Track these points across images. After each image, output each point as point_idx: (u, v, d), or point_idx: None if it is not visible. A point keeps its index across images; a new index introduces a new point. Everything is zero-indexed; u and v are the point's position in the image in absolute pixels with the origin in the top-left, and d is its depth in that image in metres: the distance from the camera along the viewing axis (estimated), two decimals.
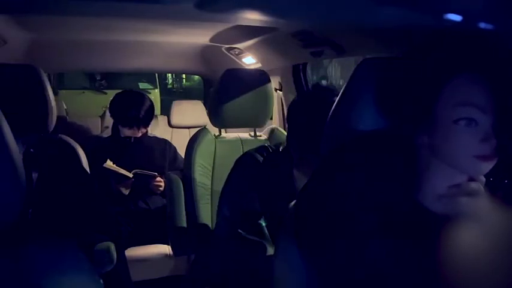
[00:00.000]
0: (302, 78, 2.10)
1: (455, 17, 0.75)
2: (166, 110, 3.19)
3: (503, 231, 0.73)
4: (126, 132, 2.22)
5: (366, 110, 0.88)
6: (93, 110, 4.54)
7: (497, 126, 0.71)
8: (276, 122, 2.34)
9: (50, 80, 2.21)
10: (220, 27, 1.72)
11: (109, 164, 2.04)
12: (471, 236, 0.72)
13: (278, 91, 2.24)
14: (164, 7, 1.10)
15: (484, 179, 0.77)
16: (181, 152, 2.12)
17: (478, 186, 0.76)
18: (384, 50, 1.18)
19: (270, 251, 1.23)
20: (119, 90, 2.37)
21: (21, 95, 1.34)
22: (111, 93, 2.66)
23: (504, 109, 0.70)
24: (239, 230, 1.27)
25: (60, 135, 1.68)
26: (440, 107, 0.73)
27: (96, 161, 1.93)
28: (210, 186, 1.87)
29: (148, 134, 2.30)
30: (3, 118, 0.65)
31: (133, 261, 1.99)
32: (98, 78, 5.97)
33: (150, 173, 2.13)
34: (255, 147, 1.44)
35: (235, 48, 2.11)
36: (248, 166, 1.35)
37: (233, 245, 1.30)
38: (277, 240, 0.93)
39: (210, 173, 1.88)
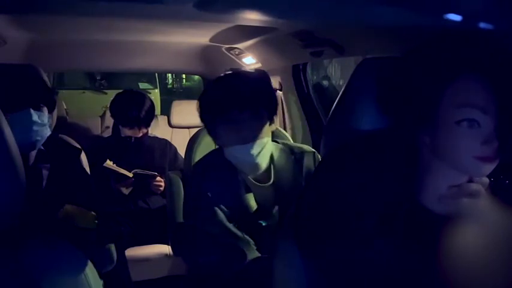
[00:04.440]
0: (302, 78, 2.10)
1: (455, 17, 0.75)
2: (166, 110, 3.19)
3: (503, 232, 0.73)
4: (127, 132, 2.22)
5: (366, 110, 0.88)
6: (93, 110, 4.54)
7: (499, 127, 0.71)
8: (276, 122, 2.33)
9: (50, 80, 2.21)
10: (220, 27, 1.72)
11: (109, 163, 2.04)
12: (472, 236, 0.72)
13: (278, 91, 2.24)
14: (164, 7, 1.10)
15: (487, 180, 0.77)
16: (181, 152, 2.12)
17: (479, 187, 0.76)
18: (384, 50, 1.18)
19: (250, 250, 1.23)
20: (119, 90, 2.37)
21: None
22: (111, 93, 2.66)
23: (506, 110, 0.70)
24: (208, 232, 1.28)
25: (60, 135, 1.68)
26: (442, 107, 0.73)
27: (96, 160, 1.93)
28: None
29: (149, 134, 2.30)
30: (4, 118, 0.65)
31: (133, 261, 1.99)
32: (98, 78, 5.98)
33: (150, 173, 2.12)
34: None
35: (235, 48, 2.11)
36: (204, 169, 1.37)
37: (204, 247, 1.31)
38: (277, 240, 0.93)
39: None
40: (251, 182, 1.31)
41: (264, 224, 1.29)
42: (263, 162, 1.27)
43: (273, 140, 1.42)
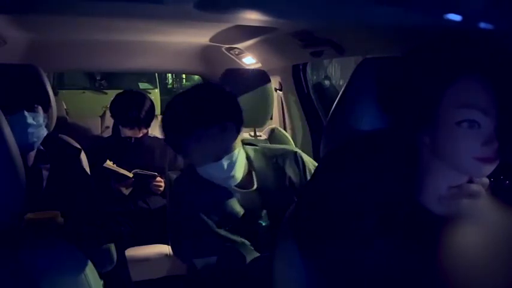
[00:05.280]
0: (302, 78, 2.10)
1: (455, 17, 0.75)
2: None
3: (503, 232, 0.73)
4: (127, 132, 2.22)
5: (366, 110, 0.88)
6: (93, 110, 4.54)
7: (499, 128, 0.71)
8: (276, 122, 2.34)
9: (50, 80, 2.21)
10: (220, 27, 1.72)
11: (109, 163, 2.04)
12: (472, 237, 0.72)
13: (278, 91, 2.24)
14: (164, 7, 1.10)
15: (487, 181, 0.77)
16: None
17: (479, 187, 0.76)
18: (384, 50, 1.18)
19: (247, 251, 1.23)
20: (119, 90, 2.37)
21: (21, 95, 1.34)
22: (111, 93, 2.65)
23: (506, 111, 0.70)
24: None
25: (60, 134, 1.68)
26: (442, 108, 0.73)
27: (96, 161, 1.93)
28: None
29: (149, 134, 2.30)
30: (3, 118, 0.65)
31: (133, 261, 1.99)
32: (98, 78, 5.97)
33: (150, 173, 2.12)
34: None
35: (235, 48, 2.11)
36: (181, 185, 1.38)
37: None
38: (277, 240, 0.93)
39: None
40: (234, 190, 1.30)
41: (263, 224, 1.29)
42: (238, 173, 1.26)
43: (252, 144, 1.41)
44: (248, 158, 1.33)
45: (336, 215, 0.78)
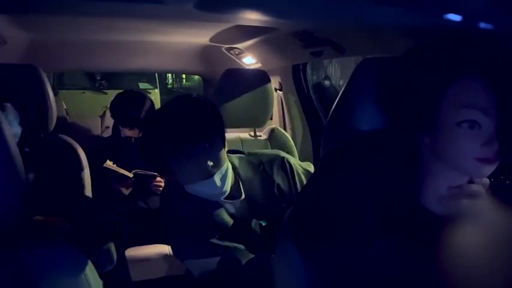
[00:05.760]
0: (302, 78, 2.11)
1: (455, 17, 0.75)
2: None
3: (503, 232, 0.73)
4: (127, 132, 2.22)
5: (366, 110, 0.88)
6: (93, 110, 4.54)
7: (499, 128, 0.71)
8: (276, 122, 2.34)
9: (50, 80, 2.21)
10: (220, 27, 1.72)
11: (109, 164, 2.04)
12: (472, 237, 0.72)
13: (278, 91, 2.24)
14: (164, 7, 1.10)
15: (487, 181, 0.77)
16: None
17: (479, 188, 0.76)
18: (384, 50, 1.18)
19: (243, 255, 1.21)
20: (119, 90, 2.37)
21: (21, 95, 1.34)
22: (111, 93, 2.66)
23: (506, 111, 0.70)
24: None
25: (60, 135, 1.68)
26: (443, 108, 0.73)
27: (96, 161, 1.93)
28: None
29: None
30: (3, 118, 0.65)
31: (133, 261, 1.99)
32: (98, 78, 5.97)
33: (150, 173, 2.12)
34: (255, 146, 1.45)
35: (235, 48, 2.11)
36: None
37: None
38: (276, 240, 0.93)
39: None
40: (223, 201, 1.27)
41: (264, 224, 1.28)
42: (227, 186, 1.22)
43: (239, 152, 1.38)
44: (234, 167, 1.29)
45: (335, 216, 0.78)
